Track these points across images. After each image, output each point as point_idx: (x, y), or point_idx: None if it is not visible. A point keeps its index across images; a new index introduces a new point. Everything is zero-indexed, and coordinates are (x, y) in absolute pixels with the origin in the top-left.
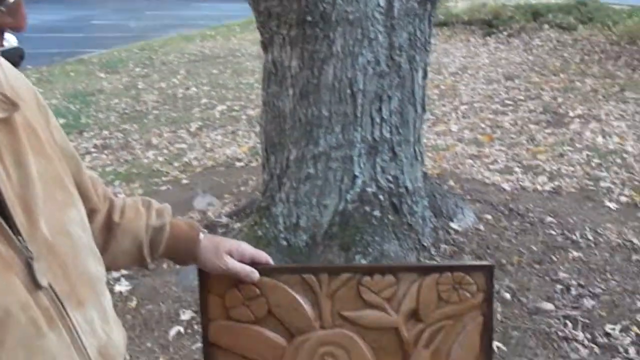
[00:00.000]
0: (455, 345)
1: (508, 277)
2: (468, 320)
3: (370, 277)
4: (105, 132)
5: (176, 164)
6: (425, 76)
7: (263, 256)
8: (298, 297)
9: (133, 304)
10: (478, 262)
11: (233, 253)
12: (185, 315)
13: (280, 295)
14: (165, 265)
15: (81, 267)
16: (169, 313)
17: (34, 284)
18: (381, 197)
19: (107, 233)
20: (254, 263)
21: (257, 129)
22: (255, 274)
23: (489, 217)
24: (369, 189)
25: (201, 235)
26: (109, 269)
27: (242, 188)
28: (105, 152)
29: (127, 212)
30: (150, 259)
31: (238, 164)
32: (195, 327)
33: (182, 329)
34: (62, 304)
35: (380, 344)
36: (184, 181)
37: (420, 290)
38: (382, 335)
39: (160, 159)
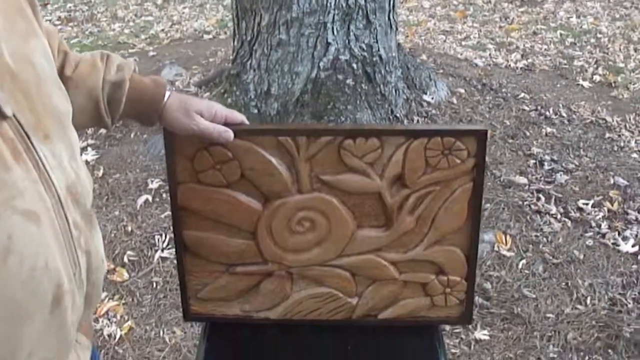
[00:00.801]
0: (442, 211)
1: None
2: (457, 187)
3: (352, 140)
4: (70, 5)
5: (143, 37)
6: None
7: (237, 116)
8: (273, 160)
9: (100, 173)
10: (470, 126)
11: (204, 113)
12: (154, 184)
13: (254, 159)
14: (132, 134)
15: (46, 99)
16: (136, 182)
17: None
18: (354, 65)
19: None
20: (227, 124)
21: (225, 2)
22: (229, 134)
23: (462, 91)
24: (342, 57)
25: (167, 93)
26: None
27: (211, 59)
28: (70, 24)
29: (81, 65)
30: (109, 118)
31: (206, 36)
32: (164, 195)
33: (150, 198)
34: (27, 136)
35: (362, 210)
36: (151, 53)
37: (406, 155)
38: (364, 201)
39: (127, 31)
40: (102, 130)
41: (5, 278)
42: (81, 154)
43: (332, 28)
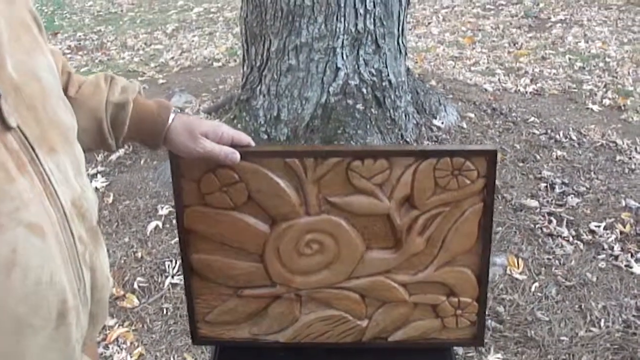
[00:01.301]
0: (452, 232)
1: None
2: (467, 207)
3: (360, 161)
4: (80, 34)
5: (152, 65)
6: None
7: (244, 138)
8: (281, 182)
9: (110, 199)
10: (479, 147)
11: (209, 134)
12: (163, 210)
13: (261, 181)
14: (142, 161)
15: (51, 113)
16: (146, 208)
17: (2, 124)
18: (364, 90)
19: None
20: (233, 146)
21: (235, 30)
22: (236, 155)
23: (472, 115)
24: (352, 82)
25: (172, 115)
26: None
27: (220, 86)
28: (80, 53)
29: (85, 87)
30: (113, 140)
31: (215, 64)
32: (174, 221)
33: (160, 224)
34: (32, 148)
35: (371, 231)
36: (161, 81)
37: (415, 175)
38: (373, 222)
39: (136, 59)
40: (112, 157)
41: (10, 291)
42: (91, 181)
43: (342, 53)
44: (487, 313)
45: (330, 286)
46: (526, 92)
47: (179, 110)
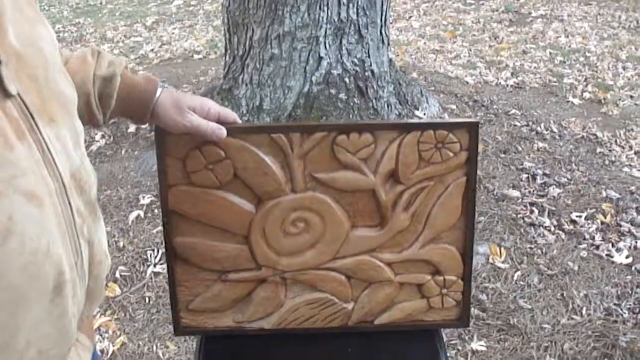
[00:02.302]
0: (436, 207)
1: None
2: (450, 181)
3: (345, 135)
4: (59, 26)
5: (132, 57)
6: None
7: (230, 115)
8: (267, 159)
9: None
10: (462, 119)
11: (196, 109)
12: (145, 199)
13: (247, 158)
14: (123, 151)
15: (52, 84)
16: (128, 198)
17: (2, 91)
18: (347, 79)
19: None
20: (220, 122)
21: (215, 23)
22: (222, 131)
23: (454, 107)
24: (334, 71)
25: (159, 90)
26: None
27: (202, 78)
28: (59, 45)
29: (72, 61)
30: (101, 115)
31: (196, 56)
32: (156, 211)
33: (141, 213)
34: (32, 117)
35: (356, 208)
36: (141, 72)
37: (399, 149)
38: (358, 199)
39: (116, 51)
40: (93, 147)
41: (5, 261)
42: None
43: (325, 42)
44: (470, 301)
45: (315, 267)
46: (507, 85)
47: (165, 86)
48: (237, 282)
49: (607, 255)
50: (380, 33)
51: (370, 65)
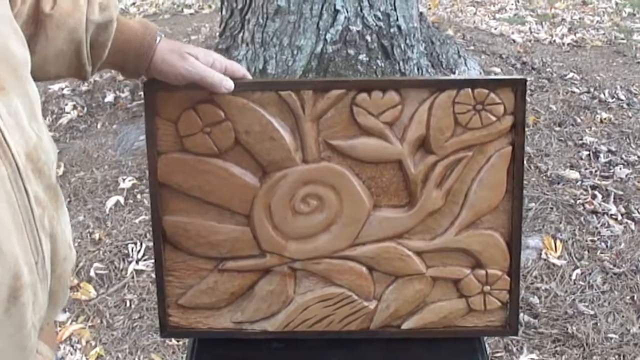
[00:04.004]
0: (476, 183)
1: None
2: (492, 152)
3: (367, 94)
4: None
5: None
6: None
7: (239, 68)
8: (274, 121)
9: (60, 170)
10: (507, 76)
11: (200, 58)
12: (126, 183)
13: (250, 119)
14: (99, 124)
15: (0, 43)
16: (105, 181)
17: None
18: (368, 37)
19: (34, 27)
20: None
21: None
22: (230, 83)
23: (498, 70)
24: (353, 28)
25: (158, 37)
26: (37, 79)
27: (193, 37)
28: None
29: (61, 2)
30: (90, 66)
31: (186, 10)
32: (138, 196)
33: (121, 199)
34: None
35: (380, 183)
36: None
37: (431, 112)
38: (382, 172)
39: None
40: (62, 120)
41: None
42: None
43: None
44: (519, 304)
45: (330, 255)
46: (563, 44)
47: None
48: (236, 272)
49: None
50: None
51: (397, 20)
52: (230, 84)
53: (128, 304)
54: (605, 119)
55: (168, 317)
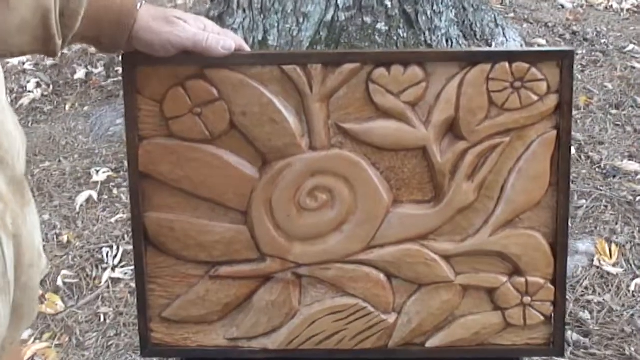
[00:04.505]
0: (514, 175)
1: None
2: (534, 137)
3: (385, 69)
4: None
5: None
6: None
7: (233, 37)
8: (276, 101)
9: None
10: (550, 48)
11: (189, 22)
12: (100, 175)
13: (248, 99)
14: (67, 106)
15: None
16: (75, 173)
17: None
18: (388, 3)
19: None
20: None
21: None
22: (228, 43)
23: (543, 42)
24: None
25: (139, 3)
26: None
27: (179, 1)
28: None
29: None
30: (60, 39)
31: None
32: (115, 191)
33: (94, 195)
34: None
35: (401, 174)
36: None
37: (461, 90)
38: (403, 160)
39: None
40: (23, 100)
41: None
42: None
43: None
44: (567, 321)
45: (342, 260)
46: (622, 10)
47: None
48: (231, 279)
49: None
50: None
51: None
52: (229, 44)
53: (102, 319)
54: None
55: (150, 332)
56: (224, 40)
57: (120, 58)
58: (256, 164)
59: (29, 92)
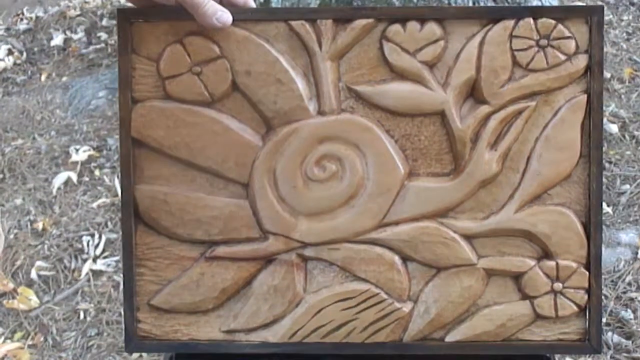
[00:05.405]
0: (540, 144)
1: (614, 101)
2: (562, 101)
3: (401, 26)
4: None
5: None
6: None
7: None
8: (282, 59)
9: None
10: (578, 3)
11: None
12: (80, 154)
13: (252, 57)
14: (43, 77)
15: None
16: (51, 152)
17: None
18: None
19: None
20: (223, 5)
21: None
22: (225, 16)
23: (581, 4)
24: None
25: None
26: None
27: None
28: None
29: None
30: None
31: None
32: (96, 172)
33: (73, 177)
34: None
35: (417, 143)
36: None
37: (482, 48)
38: (420, 127)
39: None
40: None
41: None
42: None
43: None
44: (607, 320)
45: (352, 238)
46: None
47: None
48: (229, 261)
49: None
50: None
51: None
52: (226, 18)
53: (82, 316)
54: None
55: (137, 323)
56: (222, 12)
57: (116, 13)
58: (260, 131)
59: (0, 60)
